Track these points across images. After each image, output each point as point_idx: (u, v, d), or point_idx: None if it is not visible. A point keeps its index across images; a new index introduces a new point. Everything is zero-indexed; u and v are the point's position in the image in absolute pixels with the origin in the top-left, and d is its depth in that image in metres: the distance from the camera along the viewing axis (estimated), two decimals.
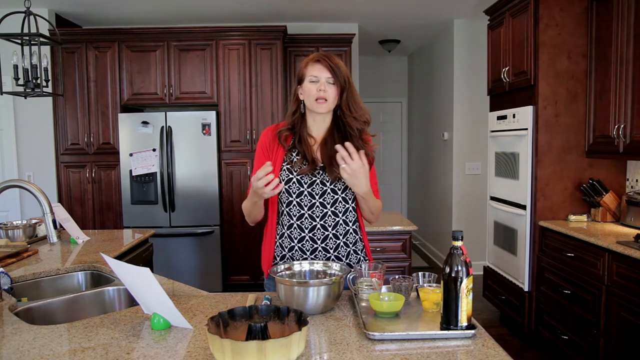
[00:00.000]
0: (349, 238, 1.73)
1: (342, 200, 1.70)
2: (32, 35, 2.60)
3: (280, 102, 4.51)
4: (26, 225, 2.67)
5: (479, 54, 4.93)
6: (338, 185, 1.69)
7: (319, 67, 1.63)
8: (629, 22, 2.76)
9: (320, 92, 1.62)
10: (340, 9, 4.70)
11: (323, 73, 1.63)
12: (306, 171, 1.67)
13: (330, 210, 1.69)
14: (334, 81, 1.64)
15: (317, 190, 1.68)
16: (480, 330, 1.27)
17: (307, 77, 1.65)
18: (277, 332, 1.13)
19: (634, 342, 2.34)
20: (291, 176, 1.68)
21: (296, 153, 1.71)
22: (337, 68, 1.63)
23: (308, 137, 1.72)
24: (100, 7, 4.51)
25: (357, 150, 1.55)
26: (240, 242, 4.54)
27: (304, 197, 1.68)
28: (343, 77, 1.64)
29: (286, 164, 1.70)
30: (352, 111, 1.68)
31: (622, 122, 2.84)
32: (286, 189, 1.69)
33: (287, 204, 1.70)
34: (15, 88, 3.49)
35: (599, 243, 2.61)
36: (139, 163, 4.35)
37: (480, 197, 4.93)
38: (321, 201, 1.68)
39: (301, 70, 1.69)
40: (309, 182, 1.68)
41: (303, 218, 1.69)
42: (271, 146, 1.74)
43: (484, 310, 4.05)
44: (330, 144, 1.69)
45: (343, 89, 1.66)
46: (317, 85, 1.63)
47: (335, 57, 1.67)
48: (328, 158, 1.68)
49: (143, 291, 1.35)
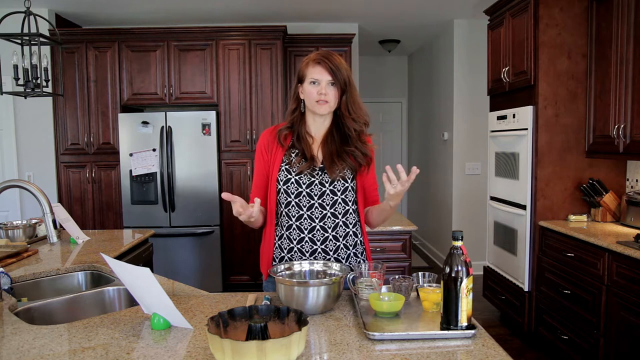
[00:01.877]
0: (349, 240, 1.73)
1: (341, 202, 1.69)
2: (32, 35, 2.60)
3: (280, 102, 4.51)
4: (26, 225, 2.67)
5: (479, 54, 4.93)
6: (337, 186, 1.67)
7: (320, 69, 1.62)
8: (629, 22, 2.77)
9: (321, 95, 1.62)
10: (340, 9, 4.70)
11: (324, 75, 1.62)
12: (305, 168, 1.66)
13: (330, 212, 1.68)
14: (334, 83, 1.63)
15: (315, 191, 1.67)
16: (480, 330, 1.26)
17: (308, 78, 1.64)
18: (277, 332, 1.13)
19: (634, 342, 2.34)
20: (290, 176, 1.67)
21: (295, 153, 1.70)
22: (337, 70, 1.62)
23: (307, 135, 1.72)
24: (100, 7, 4.51)
25: (354, 151, 1.60)
26: (240, 242, 4.54)
27: (303, 198, 1.67)
28: (343, 78, 1.63)
29: (285, 164, 1.69)
30: (351, 113, 1.67)
31: (622, 122, 2.84)
32: (284, 189, 1.68)
33: (286, 204, 1.69)
34: (15, 88, 3.49)
35: (599, 243, 2.61)
36: (139, 163, 4.35)
37: (480, 197, 4.93)
38: (320, 202, 1.67)
39: (302, 69, 1.67)
40: (307, 182, 1.67)
41: (302, 219, 1.68)
42: (270, 146, 1.74)
43: (484, 310, 4.05)
44: (330, 143, 1.69)
45: (343, 91, 1.65)
46: (317, 88, 1.62)
47: (336, 57, 1.65)
48: (329, 156, 1.67)
49: (143, 291, 1.35)
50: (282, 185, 1.68)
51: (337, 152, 1.67)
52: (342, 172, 1.67)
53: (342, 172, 1.67)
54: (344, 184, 1.68)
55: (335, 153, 1.67)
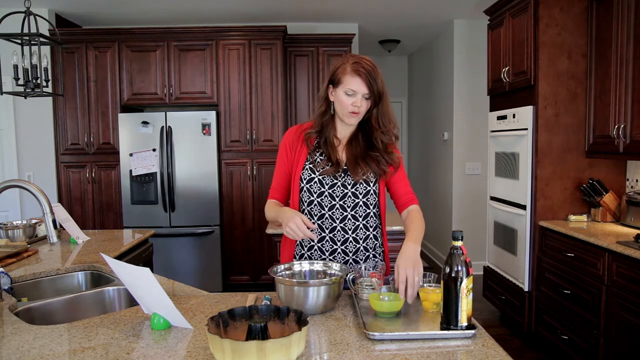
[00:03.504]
0: (369, 243, 1.74)
1: (362, 205, 1.69)
2: (32, 35, 2.60)
3: (280, 102, 4.51)
4: (26, 225, 2.67)
5: (479, 54, 4.93)
6: (359, 189, 1.68)
7: (359, 81, 1.59)
8: (629, 22, 2.76)
9: (355, 107, 1.61)
10: (340, 9, 4.70)
11: (362, 88, 1.60)
12: (330, 172, 1.67)
13: (350, 214, 1.69)
14: (369, 96, 1.62)
15: (337, 192, 1.68)
16: (480, 330, 1.27)
17: (344, 88, 1.61)
18: (277, 332, 1.13)
19: (634, 342, 2.34)
20: (313, 175, 1.68)
21: (320, 153, 1.70)
22: (375, 83, 1.60)
23: (334, 139, 1.71)
24: (100, 7, 4.51)
25: (379, 157, 1.65)
26: (240, 242, 4.54)
27: (325, 198, 1.68)
28: (379, 92, 1.62)
29: (309, 163, 1.70)
30: (381, 126, 1.67)
31: (622, 122, 2.84)
32: (307, 188, 1.69)
33: (309, 203, 1.70)
34: (15, 88, 3.49)
35: (599, 243, 2.61)
36: (139, 163, 4.35)
37: (480, 197, 4.93)
38: (341, 204, 1.68)
39: (338, 74, 1.63)
40: (330, 183, 1.68)
41: (324, 218, 1.69)
42: (294, 145, 1.74)
43: (484, 310, 4.05)
44: (355, 146, 1.70)
45: (376, 104, 1.65)
46: (353, 100, 1.61)
47: (375, 68, 1.61)
48: (353, 158, 1.68)
49: (143, 291, 1.35)
50: (306, 184, 1.69)
51: (362, 156, 1.68)
52: (366, 174, 1.67)
53: (366, 174, 1.67)
54: (366, 187, 1.69)
55: (360, 156, 1.68)
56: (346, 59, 1.64)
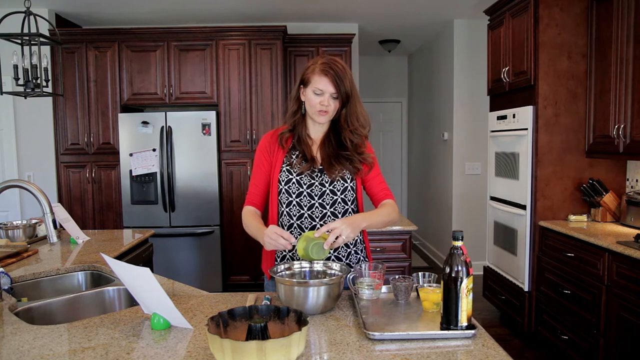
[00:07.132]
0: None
1: (341, 202, 1.72)
2: (32, 35, 2.60)
3: (280, 102, 4.51)
4: (26, 225, 2.67)
5: (479, 54, 4.93)
6: (337, 186, 1.71)
7: (326, 81, 1.62)
8: (629, 22, 2.76)
9: (323, 106, 1.64)
10: (340, 9, 4.70)
11: (328, 88, 1.63)
12: (306, 169, 1.70)
13: (329, 211, 1.71)
14: (337, 96, 1.65)
15: (315, 191, 1.70)
16: (480, 330, 1.27)
17: (312, 87, 1.65)
18: (277, 332, 1.13)
19: (634, 342, 2.34)
20: (291, 177, 1.71)
21: (296, 155, 1.73)
22: (341, 83, 1.62)
23: (307, 137, 1.75)
24: (100, 7, 4.51)
25: (351, 156, 1.68)
26: (240, 242, 4.54)
27: (304, 198, 1.70)
28: (346, 91, 1.64)
29: (286, 165, 1.72)
30: (349, 125, 1.69)
31: (622, 122, 2.84)
32: (286, 189, 1.71)
33: (287, 204, 1.72)
34: (15, 88, 3.49)
35: (599, 243, 2.61)
36: (139, 163, 4.35)
37: (480, 197, 4.93)
38: (320, 202, 1.70)
39: (307, 74, 1.67)
40: (308, 183, 1.70)
41: (303, 218, 1.71)
42: (272, 148, 1.76)
43: (484, 310, 4.05)
44: (327, 146, 1.73)
45: (344, 103, 1.67)
46: (320, 99, 1.64)
47: (342, 68, 1.64)
48: (327, 158, 1.71)
49: (143, 291, 1.35)
50: (284, 185, 1.71)
51: (334, 155, 1.71)
52: (341, 172, 1.70)
53: (341, 172, 1.70)
54: (344, 184, 1.71)
55: (333, 156, 1.71)
56: (316, 60, 1.68)
